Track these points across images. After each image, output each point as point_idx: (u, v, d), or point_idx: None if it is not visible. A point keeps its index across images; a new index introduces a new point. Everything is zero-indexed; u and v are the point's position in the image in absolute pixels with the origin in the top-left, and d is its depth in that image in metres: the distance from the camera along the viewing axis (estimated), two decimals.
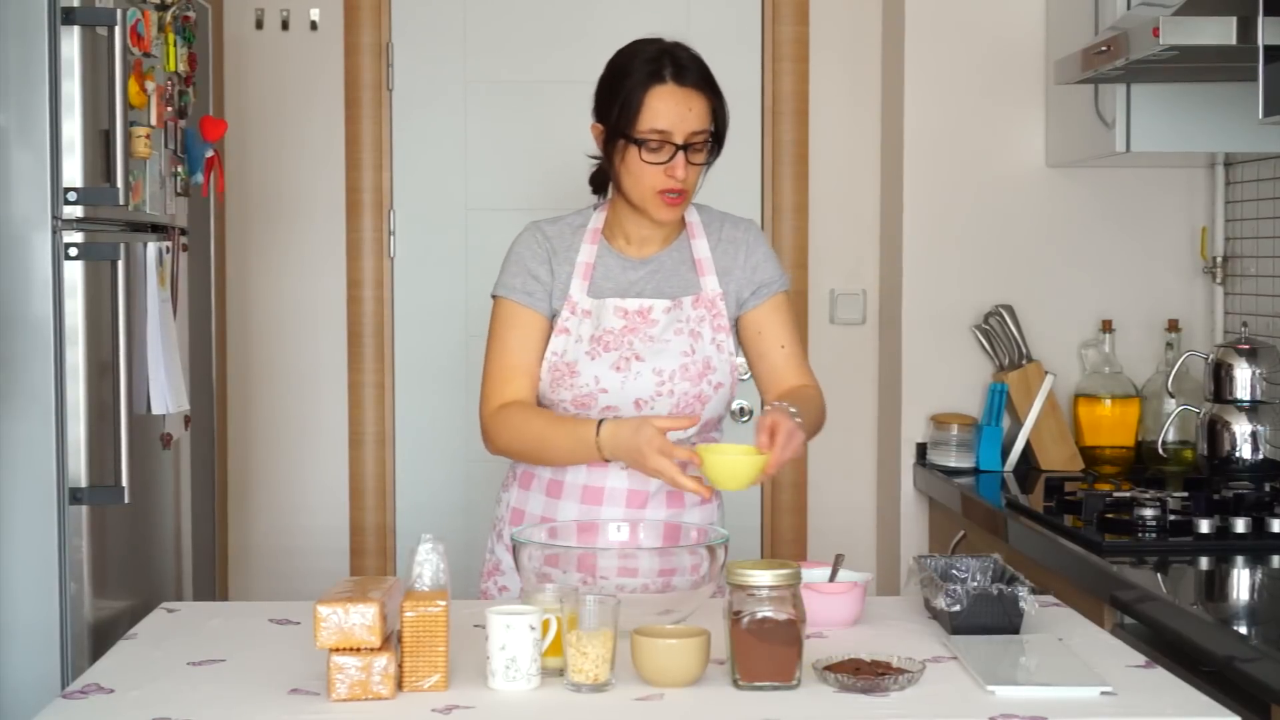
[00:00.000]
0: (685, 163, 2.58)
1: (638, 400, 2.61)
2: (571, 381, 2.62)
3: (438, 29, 4.28)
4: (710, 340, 2.66)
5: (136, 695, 2.05)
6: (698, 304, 2.67)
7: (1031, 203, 4.03)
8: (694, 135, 2.59)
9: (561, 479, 2.67)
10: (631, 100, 2.58)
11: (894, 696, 2.04)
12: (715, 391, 2.66)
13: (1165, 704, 2.01)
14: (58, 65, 2.79)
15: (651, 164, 2.58)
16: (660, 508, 2.66)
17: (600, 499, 2.65)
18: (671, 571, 2.30)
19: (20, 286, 2.80)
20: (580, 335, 2.64)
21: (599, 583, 2.26)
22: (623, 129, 2.59)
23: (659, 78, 2.58)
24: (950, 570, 2.46)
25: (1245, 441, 3.40)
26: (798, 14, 4.26)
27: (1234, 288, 3.91)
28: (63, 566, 2.82)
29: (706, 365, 2.65)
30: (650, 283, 2.69)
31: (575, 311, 2.65)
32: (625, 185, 2.63)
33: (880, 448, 4.27)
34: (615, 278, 2.68)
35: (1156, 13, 2.94)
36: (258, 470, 4.31)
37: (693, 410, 2.63)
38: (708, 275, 2.70)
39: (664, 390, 2.62)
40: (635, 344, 2.63)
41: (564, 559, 2.30)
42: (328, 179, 4.28)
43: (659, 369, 2.62)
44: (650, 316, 2.65)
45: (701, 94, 2.60)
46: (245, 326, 4.29)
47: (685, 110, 2.57)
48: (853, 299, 4.29)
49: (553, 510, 2.67)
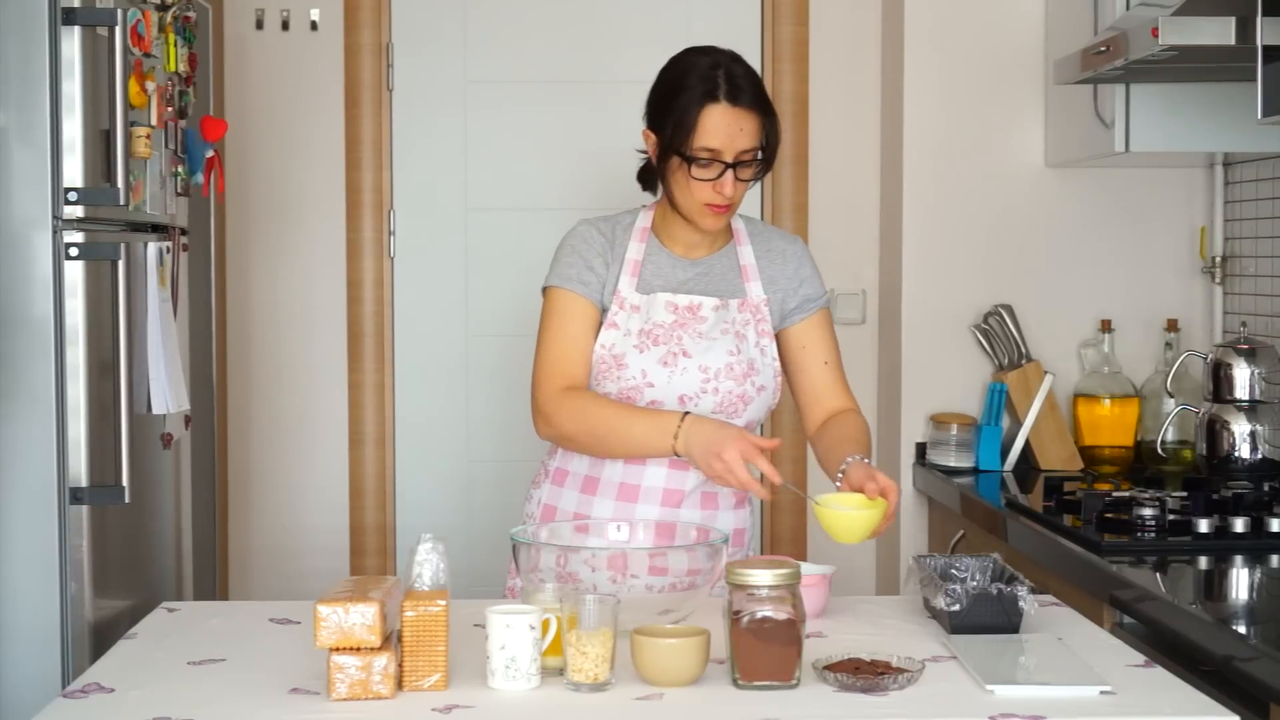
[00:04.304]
0: (734, 180, 2.60)
1: (682, 396, 2.63)
2: (618, 374, 2.64)
3: (438, 29, 4.28)
4: (755, 343, 2.69)
5: (137, 695, 2.05)
6: (743, 308, 2.70)
7: (1031, 203, 4.03)
8: (743, 154, 2.60)
9: (598, 475, 2.68)
10: (685, 119, 2.59)
11: (893, 696, 2.05)
12: (758, 394, 2.68)
13: (1164, 703, 2.01)
14: (58, 65, 2.79)
15: (701, 180, 2.60)
16: (695, 508, 2.67)
17: (636, 496, 2.65)
18: (698, 571, 2.30)
19: (21, 286, 2.80)
20: (629, 329, 2.65)
21: (629, 580, 2.26)
22: (676, 146, 2.60)
23: (713, 97, 2.59)
24: (950, 570, 2.46)
25: (1244, 441, 3.40)
26: (798, 15, 4.26)
27: (1233, 287, 3.91)
28: (63, 566, 2.82)
29: (751, 367, 2.67)
30: (700, 283, 2.71)
31: (624, 306, 2.67)
32: (675, 196, 2.66)
33: (880, 447, 4.27)
34: (665, 275, 2.71)
35: (1155, 13, 2.94)
36: (258, 470, 4.31)
37: (735, 410, 2.65)
38: (753, 281, 2.73)
39: (709, 388, 2.64)
40: (684, 340, 2.65)
41: (594, 557, 2.30)
42: (328, 179, 4.28)
43: (705, 366, 2.64)
44: (700, 313, 2.67)
45: (753, 113, 2.61)
46: (245, 326, 4.29)
47: (737, 130, 2.59)
48: (853, 299, 4.30)
49: (587, 507, 2.68)
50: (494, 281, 4.30)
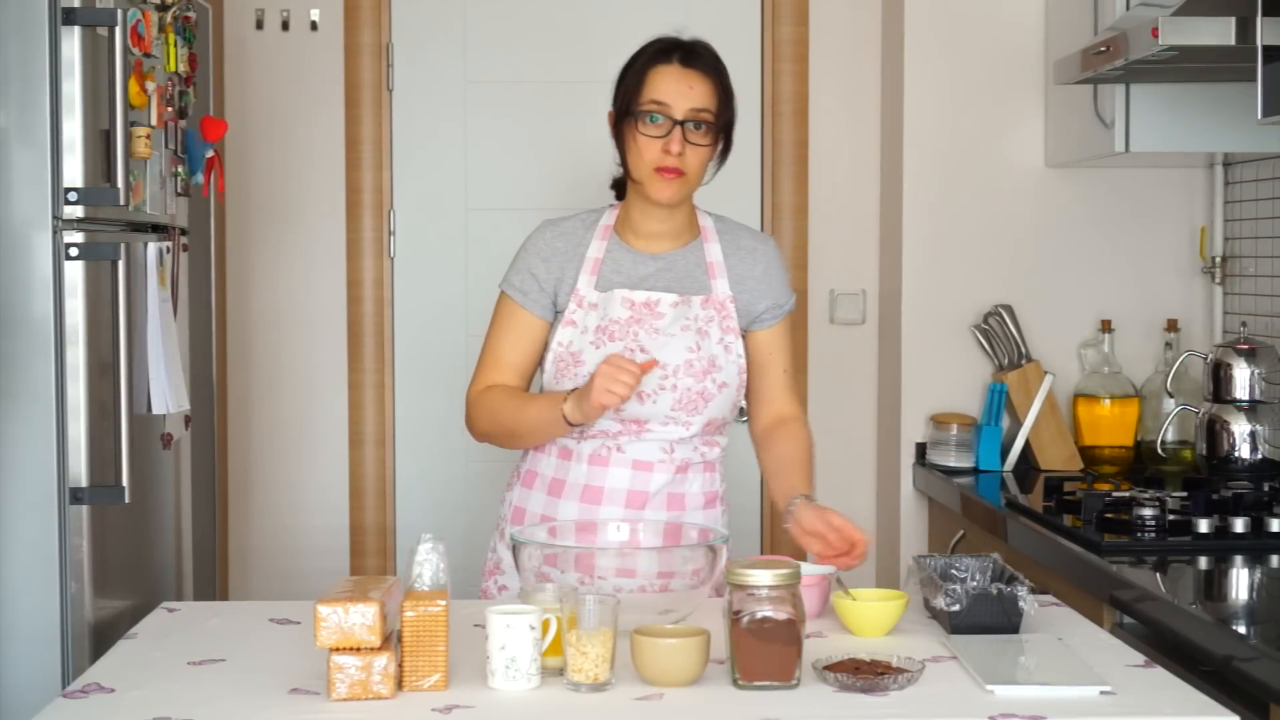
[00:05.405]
0: (682, 138, 2.60)
1: (640, 393, 2.62)
2: (575, 371, 2.64)
3: (438, 29, 4.28)
4: (718, 340, 2.67)
5: (137, 695, 2.05)
6: (707, 304, 2.69)
7: (1031, 203, 4.03)
8: (695, 113, 2.61)
9: (563, 478, 2.68)
10: (637, 77, 2.64)
11: (893, 696, 2.05)
12: (720, 391, 2.66)
13: (1164, 703, 2.01)
14: (58, 65, 2.79)
15: (649, 137, 2.60)
16: (660, 508, 2.67)
17: (600, 498, 2.65)
18: (670, 575, 2.31)
19: (21, 286, 2.80)
20: (586, 326, 2.65)
21: (596, 582, 2.26)
22: (626, 105, 2.63)
23: (665, 58, 2.64)
24: (950, 570, 2.46)
25: (1244, 441, 3.40)
26: (798, 14, 4.26)
27: (1233, 287, 3.91)
28: (63, 566, 2.82)
29: (711, 364, 2.66)
30: (661, 279, 2.70)
31: (582, 304, 2.67)
32: (629, 163, 2.66)
33: (880, 447, 4.27)
34: (625, 271, 2.70)
35: (1155, 13, 2.94)
36: (258, 470, 4.31)
37: (695, 407, 2.64)
38: (719, 279, 2.72)
39: (666, 385, 2.63)
40: (641, 336, 2.64)
41: (562, 558, 2.30)
42: (328, 179, 4.28)
43: (663, 363, 2.63)
44: (657, 309, 2.66)
45: (706, 77, 2.64)
46: (245, 326, 4.29)
47: (686, 87, 2.61)
48: (853, 299, 4.30)
49: (553, 509, 2.68)
50: (494, 281, 4.25)
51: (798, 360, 4.26)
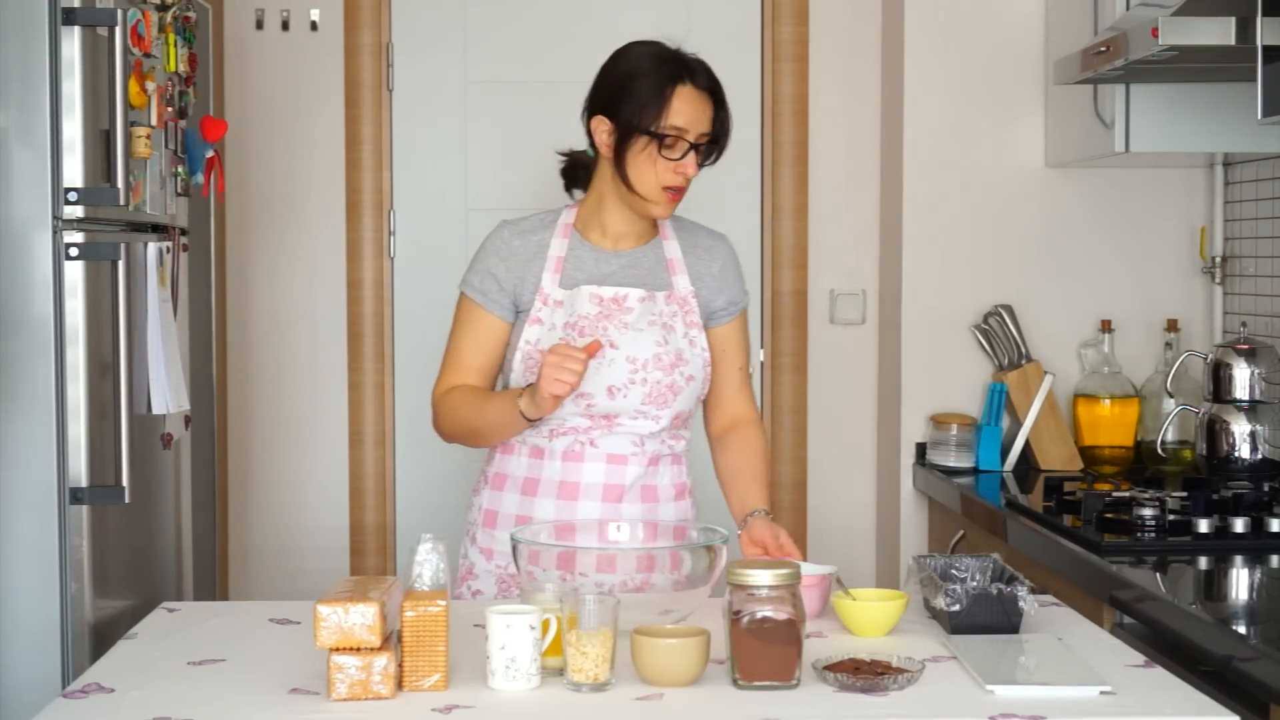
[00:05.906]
0: (695, 162, 2.64)
1: (610, 387, 2.63)
2: None
3: (438, 29, 4.28)
4: (683, 334, 2.70)
5: (137, 695, 2.05)
6: (670, 300, 2.71)
7: (1031, 203, 4.03)
8: (703, 136, 2.64)
9: (537, 476, 2.69)
10: (655, 98, 2.62)
11: (893, 696, 2.05)
12: (687, 384, 2.69)
13: (1164, 703, 2.01)
14: (58, 65, 2.79)
15: (667, 160, 2.62)
16: (635, 501, 2.69)
17: (576, 494, 2.66)
18: (649, 568, 2.32)
19: (21, 286, 2.80)
20: (554, 324, 2.66)
21: (577, 579, 2.27)
22: (645, 125, 2.62)
23: (680, 79, 2.63)
24: (950, 570, 2.46)
25: (1244, 441, 3.40)
26: (797, 14, 4.26)
27: (1233, 288, 3.91)
28: (63, 566, 2.82)
29: (678, 357, 2.68)
30: (626, 275, 2.72)
31: (548, 302, 2.68)
32: (632, 178, 2.65)
33: (880, 448, 4.27)
34: (589, 269, 2.71)
35: (1155, 13, 2.94)
36: (258, 470, 4.31)
37: (664, 400, 2.66)
38: (680, 275, 2.74)
39: (637, 379, 2.65)
40: (610, 331, 2.65)
41: (544, 557, 2.31)
42: (328, 179, 4.28)
43: (632, 357, 2.65)
44: (625, 304, 2.68)
45: (713, 98, 2.66)
46: (245, 326, 4.29)
47: (701, 112, 2.63)
48: (852, 299, 4.30)
49: (528, 509, 2.68)
50: None
51: (798, 360, 4.29)
